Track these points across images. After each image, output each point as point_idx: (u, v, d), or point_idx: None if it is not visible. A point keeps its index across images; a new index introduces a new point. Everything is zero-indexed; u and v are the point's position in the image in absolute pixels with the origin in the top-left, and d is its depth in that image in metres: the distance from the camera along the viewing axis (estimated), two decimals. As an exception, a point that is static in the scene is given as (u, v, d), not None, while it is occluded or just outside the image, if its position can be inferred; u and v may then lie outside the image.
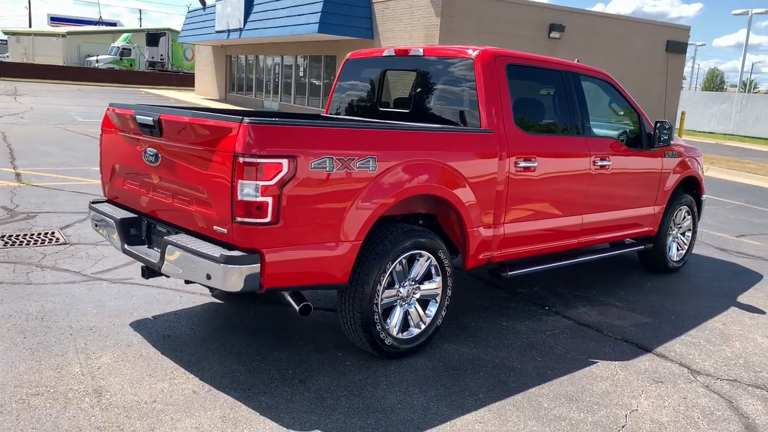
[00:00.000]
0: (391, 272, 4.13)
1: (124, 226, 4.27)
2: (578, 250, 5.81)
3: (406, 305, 4.29)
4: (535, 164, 4.89)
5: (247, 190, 3.43)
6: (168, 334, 4.46)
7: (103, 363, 3.95)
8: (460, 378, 4.05)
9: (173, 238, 3.82)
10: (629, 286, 6.34)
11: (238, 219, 3.47)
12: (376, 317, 4.04)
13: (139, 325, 4.59)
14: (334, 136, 3.71)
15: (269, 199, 3.45)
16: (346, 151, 3.72)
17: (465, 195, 4.42)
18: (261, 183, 3.42)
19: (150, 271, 4.32)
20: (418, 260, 4.29)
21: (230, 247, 3.57)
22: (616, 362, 4.48)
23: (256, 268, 3.50)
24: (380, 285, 4.03)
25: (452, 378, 4.05)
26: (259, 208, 3.45)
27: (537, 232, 5.07)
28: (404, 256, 4.15)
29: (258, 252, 3.52)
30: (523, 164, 4.80)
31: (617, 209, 5.90)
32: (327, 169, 3.64)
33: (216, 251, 3.53)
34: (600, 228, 5.74)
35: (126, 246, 4.21)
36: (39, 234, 6.62)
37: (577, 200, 5.40)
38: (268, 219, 3.48)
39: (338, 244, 3.78)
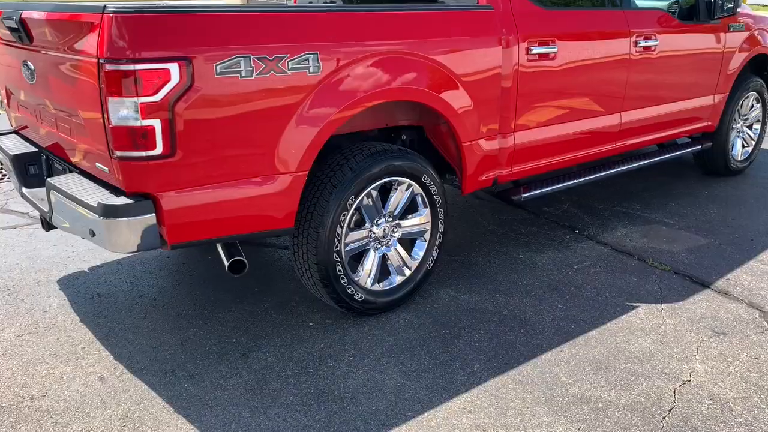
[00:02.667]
0: (358, 208, 3.13)
1: (20, 163, 3.34)
2: (616, 157, 4.65)
3: (383, 248, 3.31)
4: (555, 49, 3.70)
5: (123, 112, 2.42)
6: (99, 293, 3.61)
7: (4, 339, 3.14)
8: (453, 341, 3.10)
9: (58, 180, 2.88)
10: (681, 196, 5.18)
11: (117, 153, 2.49)
12: (339, 268, 3.08)
13: (69, 282, 3.76)
14: (251, 24, 2.62)
15: (156, 123, 2.44)
16: (270, 45, 2.64)
17: (456, 98, 3.30)
18: (141, 100, 2.40)
19: (49, 223, 3.42)
20: (396, 189, 3.26)
21: (119, 193, 2.61)
22: (662, 306, 3.44)
23: (150, 219, 2.54)
24: (341, 226, 3.04)
25: (442, 341, 3.10)
26: (144, 137, 2.45)
27: (560, 140, 3.93)
28: (374, 185, 3.13)
29: (151, 197, 2.55)
30: (538, 50, 3.61)
31: (666, 102, 4.67)
32: (243, 74, 2.58)
33: (95, 198, 2.58)
34: (644, 127, 4.55)
35: (24, 189, 3.30)
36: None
37: (614, 93, 4.20)
38: (157, 150, 2.48)
39: (271, 178, 2.77)
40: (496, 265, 3.91)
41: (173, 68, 2.42)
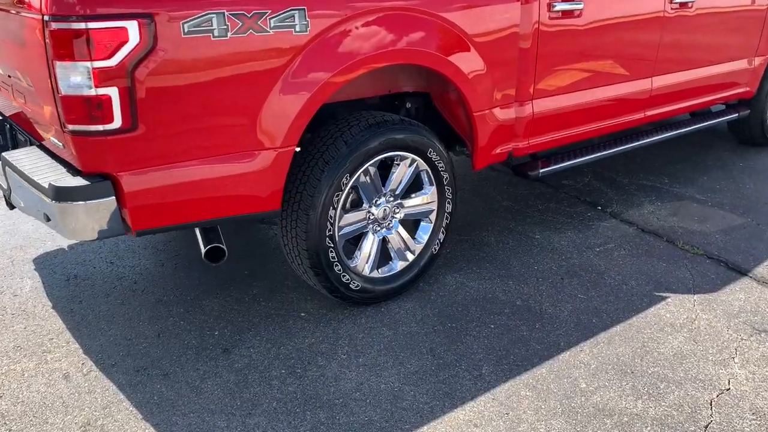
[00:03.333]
0: (354, 187, 2.78)
1: (-19, 133, 3.02)
2: (645, 126, 4.24)
3: (383, 230, 2.96)
4: (581, 6, 3.27)
5: (74, 79, 2.07)
6: (75, 274, 3.32)
7: (-34, 327, 2.86)
8: (460, 336, 2.78)
9: (13, 155, 2.56)
10: (714, 168, 4.76)
11: (70, 127, 2.15)
12: (332, 254, 2.74)
13: (45, 261, 3.47)
14: (224, -24, 2.24)
15: (112, 91, 2.09)
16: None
17: (467, 61, 2.91)
18: (94, 64, 2.05)
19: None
20: (398, 165, 2.90)
21: (76, 173, 2.28)
22: (694, 297, 3.08)
23: (110, 203, 2.22)
24: (335, 208, 2.69)
25: (447, 337, 2.77)
26: (99, 107, 2.10)
27: (584, 108, 3.53)
28: (373, 161, 2.77)
29: (111, 178, 2.21)
30: (561, 7, 3.19)
31: (702, 65, 4.22)
32: (216, 34, 2.21)
33: (47, 179, 2.25)
34: (677, 94, 4.12)
35: (-13, 162, 2.97)
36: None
37: (645, 56, 3.77)
38: (116, 124, 2.13)
39: (252, 154, 2.42)
40: (510, 247, 3.56)
41: (131, 27, 2.06)
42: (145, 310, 3.00)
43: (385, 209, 2.92)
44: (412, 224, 3.11)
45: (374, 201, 2.87)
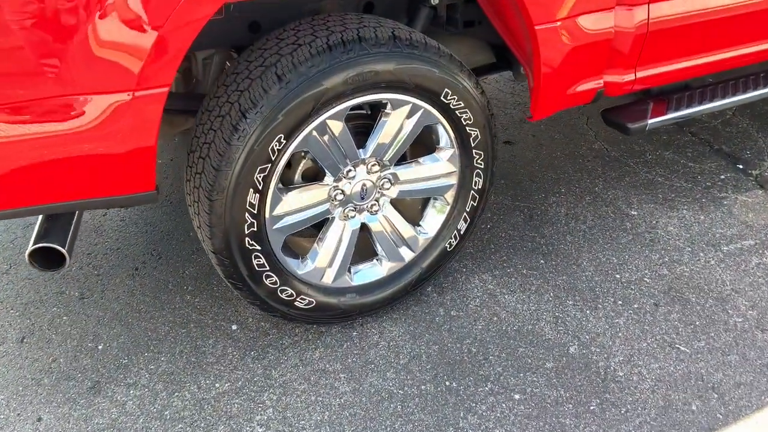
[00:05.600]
0: (303, 152, 1.64)
1: None
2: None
3: (361, 215, 1.83)
4: None
5: None
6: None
7: None
8: (469, 409, 1.69)
9: None
10: None
11: None
12: (259, 260, 1.67)
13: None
14: None
15: None
16: None
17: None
18: None
19: None
20: (387, 115, 1.70)
21: None
22: None
23: None
24: (258, 188, 1.58)
25: (452, 409, 1.69)
26: None
27: (731, 19, 2.08)
28: (334, 111, 1.60)
29: None
30: None
31: None
32: None
33: None
34: None
35: None
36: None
37: None
38: None
39: (79, 102, 1.33)
40: (585, 230, 2.33)
41: None
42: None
43: (363, 184, 1.77)
44: (415, 207, 1.96)
45: (343, 172, 1.72)
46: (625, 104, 2.19)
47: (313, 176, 1.75)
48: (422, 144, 1.85)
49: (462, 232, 1.96)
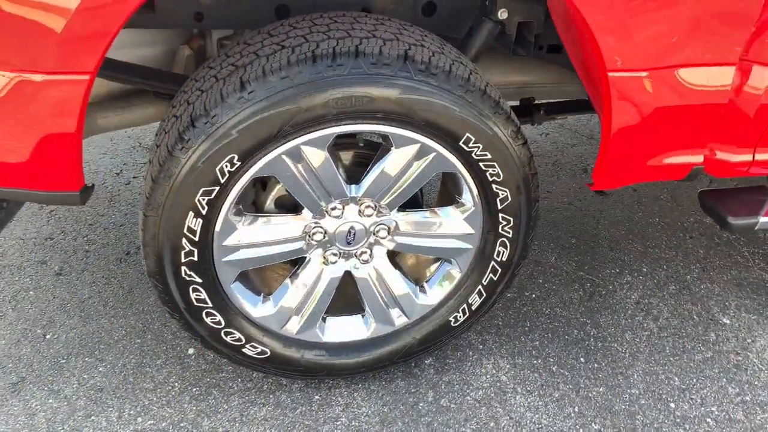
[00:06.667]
0: (264, 179, 1.33)
1: None
2: None
3: (347, 261, 1.48)
4: None
5: None
6: None
7: None
8: None
9: None
10: None
11: None
12: (197, 294, 1.38)
13: None
14: None
15: None
16: None
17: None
18: None
19: None
20: (387, 152, 1.34)
21: None
22: None
23: None
24: (202, 213, 1.28)
25: None
26: None
27: None
28: (308, 137, 1.25)
29: None
30: None
31: None
32: None
33: None
34: None
35: None
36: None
37: None
38: None
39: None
40: (652, 330, 1.83)
41: None
42: None
43: (352, 227, 1.42)
44: (431, 260, 1.58)
45: (326, 207, 1.38)
46: (733, 189, 1.65)
47: (294, 205, 1.42)
48: (449, 190, 1.47)
49: (473, 308, 1.55)
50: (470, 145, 1.31)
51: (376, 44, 1.21)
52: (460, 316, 1.56)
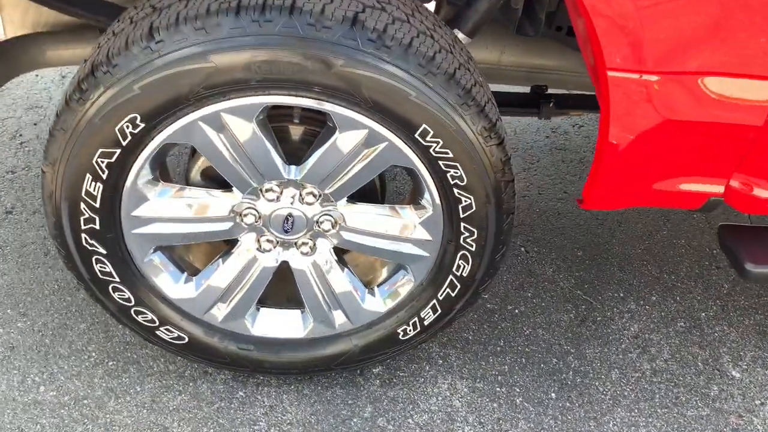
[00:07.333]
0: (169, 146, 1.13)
1: None
2: None
3: (288, 251, 1.28)
4: None
5: None
6: None
7: None
8: None
9: None
10: None
11: None
12: (101, 265, 1.22)
13: None
14: None
15: None
16: None
17: None
18: None
19: None
20: (331, 134, 1.12)
21: None
22: None
23: None
24: (101, 176, 1.10)
25: None
26: None
27: None
28: (235, 105, 1.04)
29: None
30: None
31: None
32: None
33: None
34: None
35: None
36: None
37: None
38: None
39: None
40: (644, 372, 1.58)
41: None
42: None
43: (290, 214, 1.22)
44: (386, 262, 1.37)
45: (260, 187, 1.18)
46: (757, 227, 1.36)
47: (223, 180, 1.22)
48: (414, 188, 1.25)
49: (425, 324, 1.34)
50: (428, 138, 1.08)
51: (319, 0, 0.99)
52: (410, 330, 1.35)
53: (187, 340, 1.33)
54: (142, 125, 1.03)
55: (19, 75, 1.53)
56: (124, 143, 1.05)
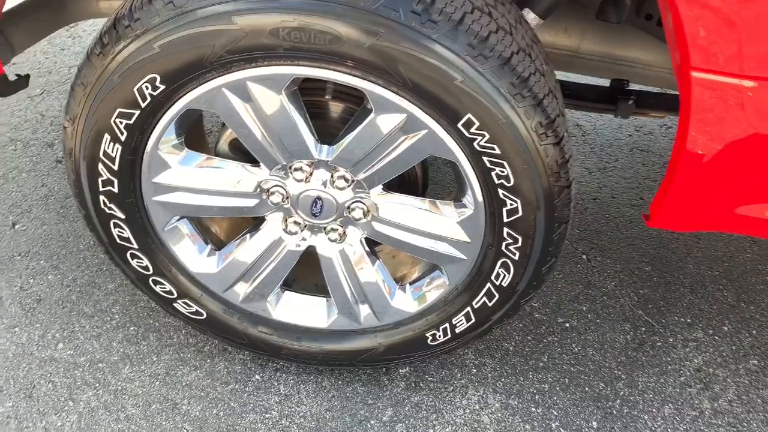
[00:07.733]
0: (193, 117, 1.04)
1: None
2: None
3: (317, 236, 1.19)
4: None
5: None
6: None
7: None
8: None
9: None
10: None
11: None
12: (119, 230, 1.16)
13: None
14: None
15: None
16: None
17: None
18: None
19: None
20: (367, 115, 1.01)
21: None
22: None
23: None
24: (119, 138, 1.03)
25: None
26: None
27: None
28: (262, 74, 0.95)
29: None
30: None
31: None
32: None
33: None
34: None
35: None
36: None
37: None
38: None
39: None
40: (702, 411, 1.41)
41: None
42: None
43: (318, 197, 1.12)
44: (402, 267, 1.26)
45: (288, 165, 1.09)
46: None
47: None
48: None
49: (456, 331, 1.22)
50: (472, 130, 0.95)
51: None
52: (439, 335, 1.24)
53: (205, 315, 1.27)
54: (162, 87, 0.96)
55: (72, 23, 1.49)
56: (143, 105, 0.98)
